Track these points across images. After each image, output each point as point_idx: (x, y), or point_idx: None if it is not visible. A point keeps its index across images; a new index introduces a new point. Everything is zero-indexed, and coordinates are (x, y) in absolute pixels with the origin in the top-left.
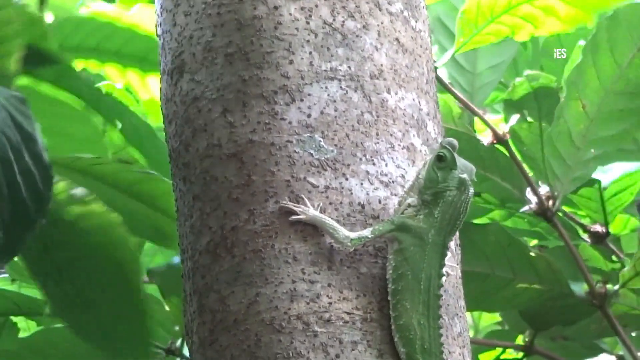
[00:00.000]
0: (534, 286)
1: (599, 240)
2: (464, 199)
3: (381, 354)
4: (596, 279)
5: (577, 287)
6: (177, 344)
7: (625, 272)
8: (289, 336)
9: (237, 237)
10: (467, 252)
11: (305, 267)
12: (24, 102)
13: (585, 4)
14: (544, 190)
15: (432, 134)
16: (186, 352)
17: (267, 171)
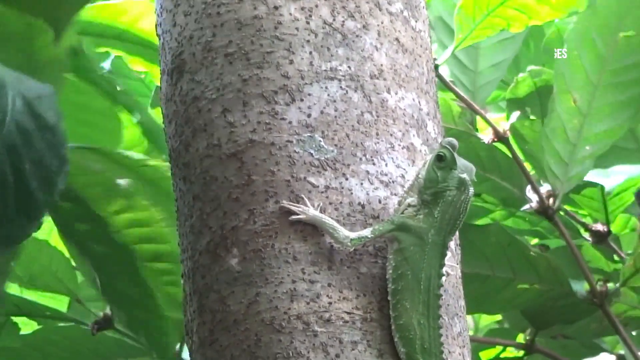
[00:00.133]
0: (535, 286)
1: (600, 239)
2: (464, 199)
3: (381, 354)
4: (598, 279)
5: (578, 286)
6: (177, 348)
7: (625, 268)
8: (289, 336)
9: (237, 237)
10: (467, 254)
11: (305, 267)
12: (51, 95)
13: None
14: (546, 188)
15: (432, 133)
16: (185, 355)
17: (267, 171)
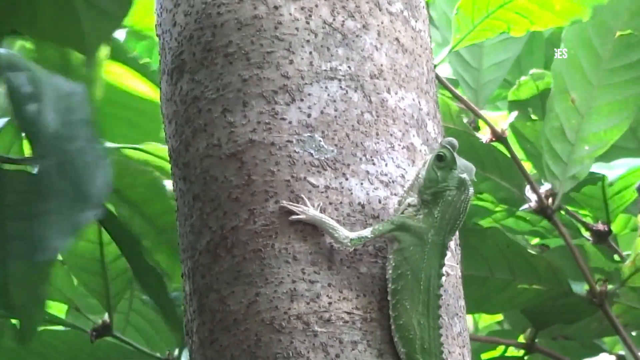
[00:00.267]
0: (534, 286)
1: (601, 238)
2: (463, 199)
3: (381, 354)
4: (598, 278)
5: (578, 287)
6: (175, 353)
7: (625, 268)
8: (289, 336)
9: (237, 237)
10: (466, 256)
11: (305, 266)
12: (83, 91)
13: None
14: (546, 188)
15: (432, 133)
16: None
17: (267, 171)
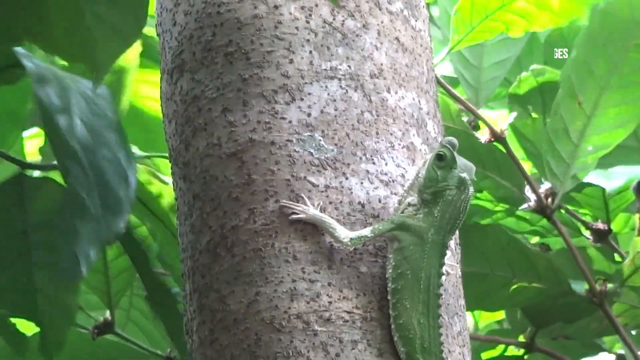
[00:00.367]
0: (534, 284)
1: (601, 238)
2: (464, 198)
3: (381, 353)
4: (598, 278)
5: (578, 286)
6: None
7: (624, 267)
8: (289, 335)
9: (237, 236)
10: (466, 253)
11: (305, 266)
12: (107, 94)
13: None
14: (545, 187)
15: (432, 133)
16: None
17: (267, 170)
